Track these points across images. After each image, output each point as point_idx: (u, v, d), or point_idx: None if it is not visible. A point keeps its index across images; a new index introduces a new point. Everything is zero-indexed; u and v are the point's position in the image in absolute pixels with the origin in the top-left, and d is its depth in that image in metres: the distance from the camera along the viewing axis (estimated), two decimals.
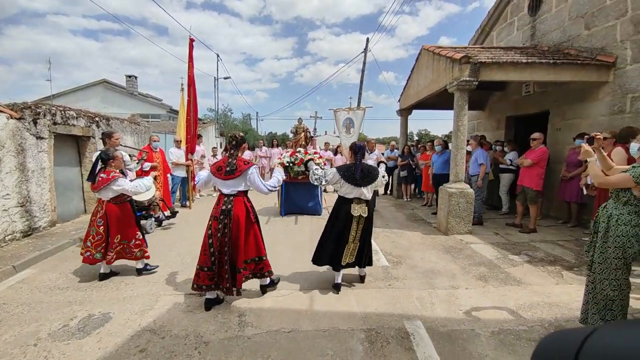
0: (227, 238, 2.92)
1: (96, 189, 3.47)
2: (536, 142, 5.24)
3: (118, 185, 3.45)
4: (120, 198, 3.57)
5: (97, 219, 3.52)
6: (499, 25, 8.58)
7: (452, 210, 5.33)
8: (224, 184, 3.01)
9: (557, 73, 5.36)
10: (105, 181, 3.42)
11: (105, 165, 3.51)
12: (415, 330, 2.62)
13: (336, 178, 3.25)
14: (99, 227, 3.51)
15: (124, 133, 7.77)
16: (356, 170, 3.17)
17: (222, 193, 3.04)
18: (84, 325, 2.71)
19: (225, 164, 3.01)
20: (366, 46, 16.58)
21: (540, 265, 3.97)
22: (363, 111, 6.95)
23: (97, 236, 3.50)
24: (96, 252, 3.49)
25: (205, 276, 2.93)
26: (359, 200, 3.23)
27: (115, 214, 3.53)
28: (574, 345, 0.45)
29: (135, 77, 25.35)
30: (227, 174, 2.96)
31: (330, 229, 3.32)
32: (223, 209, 2.95)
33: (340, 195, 3.34)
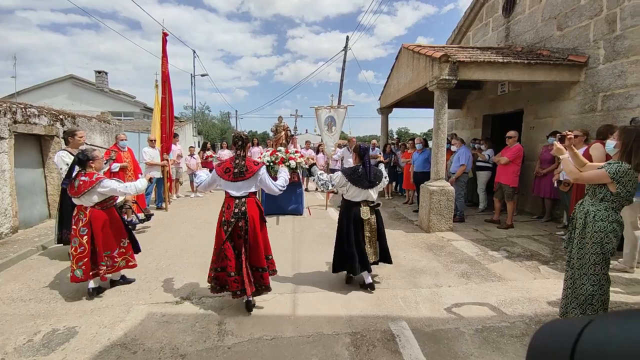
0: (242, 240, 2.84)
1: (77, 194, 3.07)
2: (511, 140, 5.38)
3: (104, 186, 3.09)
4: (106, 202, 3.24)
5: (80, 228, 3.09)
6: (475, 25, 8.77)
7: (433, 207, 5.38)
8: (234, 186, 2.88)
9: (531, 73, 5.51)
10: (88, 184, 3.04)
11: (85, 168, 3.16)
12: (400, 332, 2.58)
13: (343, 182, 3.20)
14: (81, 237, 3.08)
15: (92, 132, 7.35)
16: (368, 173, 3.15)
17: (231, 196, 2.89)
18: (48, 341, 2.49)
19: (232, 165, 2.86)
20: (346, 44, 16.58)
21: (519, 261, 4.06)
22: (345, 109, 6.90)
23: (80, 248, 3.07)
24: (77, 268, 3.05)
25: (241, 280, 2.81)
26: (366, 203, 3.23)
27: (101, 221, 3.16)
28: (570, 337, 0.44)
29: (105, 73, 24.17)
30: (236, 176, 2.84)
31: (346, 236, 3.25)
32: (236, 211, 2.83)
33: (347, 199, 3.29)
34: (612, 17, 5.01)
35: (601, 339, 0.42)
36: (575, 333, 0.44)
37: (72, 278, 3.07)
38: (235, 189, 2.89)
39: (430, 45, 6.65)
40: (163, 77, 6.41)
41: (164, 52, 6.39)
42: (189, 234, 5.36)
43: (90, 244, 3.10)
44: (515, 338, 2.50)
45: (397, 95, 7.78)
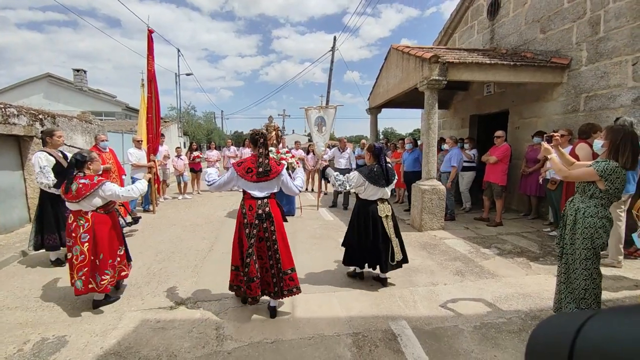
0: (269, 242, 2.76)
1: (76, 199, 2.84)
2: (499, 139, 5.51)
3: (107, 190, 2.89)
4: (108, 206, 3.05)
5: (81, 235, 2.85)
6: (461, 27, 8.96)
7: (425, 206, 5.45)
8: (257, 187, 2.77)
9: (517, 74, 5.66)
10: (90, 187, 2.84)
11: (82, 170, 2.97)
12: (401, 331, 2.59)
13: (360, 181, 3.22)
14: (82, 245, 2.84)
15: (73, 132, 7.07)
16: (385, 171, 3.20)
17: (253, 197, 2.77)
18: (38, 351, 2.37)
19: (255, 164, 2.74)
20: (334, 44, 16.61)
21: (510, 257, 4.16)
22: (334, 109, 6.90)
23: (81, 256, 2.83)
24: (77, 279, 2.81)
25: (257, 286, 2.73)
26: (382, 200, 3.28)
27: (107, 226, 2.97)
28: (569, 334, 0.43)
29: (84, 72, 23.38)
30: (260, 176, 2.73)
31: (360, 233, 3.29)
32: (259, 213, 2.73)
33: (363, 199, 3.31)
34: (595, 19, 5.19)
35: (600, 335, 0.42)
36: (574, 330, 0.43)
37: (76, 291, 2.84)
38: (259, 189, 2.78)
39: (419, 46, 6.74)
40: (149, 75, 6.23)
41: (150, 49, 6.21)
42: (179, 237, 5.23)
43: (91, 252, 2.86)
44: (513, 334, 2.55)
45: (387, 96, 7.85)
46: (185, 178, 9.00)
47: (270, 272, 2.78)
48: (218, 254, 4.42)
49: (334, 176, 3.29)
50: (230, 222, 6.17)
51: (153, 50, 6.25)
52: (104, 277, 2.88)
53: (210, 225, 5.98)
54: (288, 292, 2.82)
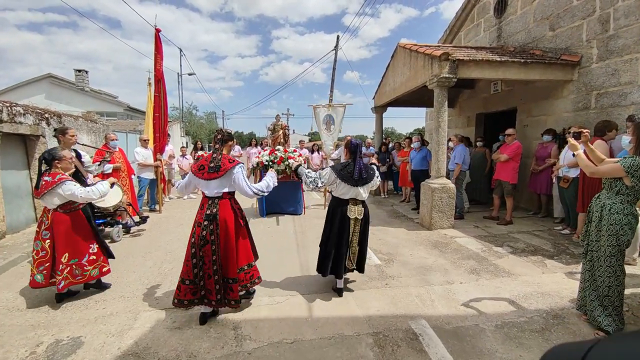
0: (214, 246, 2.62)
1: (38, 195, 2.89)
2: (510, 137, 5.46)
3: (66, 189, 2.86)
4: (70, 205, 3.00)
5: (42, 231, 2.94)
6: (467, 26, 8.91)
7: (435, 205, 5.40)
8: (207, 185, 2.68)
9: (527, 72, 5.62)
10: (49, 185, 2.84)
11: (50, 167, 2.95)
12: (422, 331, 2.55)
13: (332, 178, 3.03)
14: (44, 241, 2.92)
15: (79, 131, 7.02)
16: (354, 169, 2.97)
17: (206, 195, 2.72)
18: (52, 353, 2.32)
19: (207, 161, 2.68)
20: (337, 44, 16.57)
21: (524, 256, 4.11)
22: (343, 108, 6.85)
23: (42, 252, 2.92)
24: (37, 273, 2.89)
25: (187, 290, 2.63)
26: (355, 201, 3.05)
27: (64, 226, 2.94)
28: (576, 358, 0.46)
29: (85, 72, 23.30)
30: (210, 172, 2.64)
31: (329, 234, 3.12)
32: (207, 213, 2.63)
33: (335, 197, 3.13)
34: (605, 17, 5.16)
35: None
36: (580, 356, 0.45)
37: (32, 282, 2.93)
38: (208, 187, 2.68)
39: (427, 45, 6.69)
40: (157, 74, 6.19)
41: (158, 48, 6.17)
42: (187, 236, 5.16)
43: (52, 248, 2.92)
44: (536, 333, 2.51)
45: (393, 94, 7.80)
46: None
47: (213, 278, 2.62)
48: None
49: (305, 174, 3.13)
50: None
51: (161, 49, 6.21)
52: (56, 276, 2.92)
53: None
54: (227, 302, 2.68)
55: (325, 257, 3.12)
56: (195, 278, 2.62)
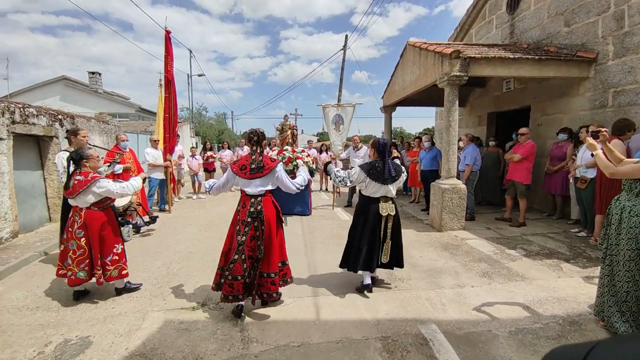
0: (259, 242, 2.70)
1: (72, 195, 2.91)
2: (524, 137, 5.32)
3: (101, 186, 2.92)
4: (103, 203, 3.06)
5: (76, 230, 2.95)
6: (478, 23, 8.74)
7: (445, 206, 5.30)
8: (250, 184, 2.77)
9: (542, 69, 5.46)
10: (83, 184, 2.88)
11: (79, 167, 3.00)
12: (432, 336, 2.48)
13: (361, 177, 3.10)
14: (79, 240, 2.94)
15: (91, 132, 7.13)
16: (385, 167, 3.06)
17: (247, 194, 2.78)
18: (61, 353, 2.34)
19: (249, 161, 2.76)
20: (345, 43, 16.49)
21: (538, 259, 3.99)
22: (353, 107, 6.78)
23: (79, 250, 2.94)
24: (79, 270, 2.93)
25: (240, 285, 2.67)
26: (386, 199, 3.13)
27: (99, 223, 2.99)
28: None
29: (99, 74, 23.78)
30: (253, 172, 2.73)
31: (361, 232, 3.14)
32: (252, 210, 2.71)
33: (365, 195, 3.18)
34: (619, 13, 5.00)
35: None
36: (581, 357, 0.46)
37: (74, 281, 2.94)
38: (252, 186, 2.77)
39: (437, 42, 6.58)
40: (168, 76, 6.24)
41: (168, 50, 6.22)
42: (196, 237, 5.21)
43: (88, 245, 2.97)
44: (552, 340, 2.41)
45: (403, 93, 7.70)
46: (199, 177, 9.02)
47: (256, 272, 2.73)
48: None
49: (334, 172, 3.22)
50: None
51: (171, 51, 6.25)
52: (96, 271, 2.98)
53: (225, 225, 5.86)
54: (267, 296, 2.79)
55: (355, 254, 3.16)
56: (245, 272, 2.67)
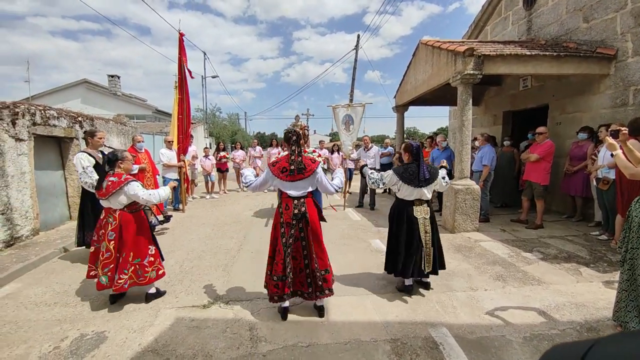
0: (304, 242, 2.71)
1: (105, 196, 2.91)
2: (542, 136, 5.15)
3: (130, 190, 2.90)
4: (135, 205, 3.06)
5: (109, 232, 2.92)
6: (494, 19, 8.54)
7: (458, 207, 5.20)
8: (294, 186, 2.71)
9: (560, 66, 5.29)
10: (116, 185, 2.89)
11: (113, 168, 3.03)
12: (443, 339, 2.43)
13: (394, 180, 3.09)
14: (109, 243, 2.91)
15: (109, 134, 7.35)
16: (420, 170, 3.02)
17: (289, 196, 2.73)
18: (76, 347, 2.41)
19: (289, 163, 2.69)
20: (357, 43, 16.42)
21: (556, 263, 3.86)
22: (363, 107, 6.74)
23: (107, 253, 2.90)
24: (102, 275, 2.89)
25: (285, 285, 2.67)
26: (420, 202, 3.09)
27: (132, 226, 2.98)
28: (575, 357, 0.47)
29: (117, 77, 24.48)
30: (293, 174, 2.68)
31: (397, 235, 3.13)
32: (296, 212, 2.68)
33: (400, 198, 3.16)
34: (637, 10, 4.86)
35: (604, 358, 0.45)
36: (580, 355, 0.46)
37: (98, 285, 2.91)
38: (294, 188, 2.72)
39: (450, 40, 6.45)
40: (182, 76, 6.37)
41: (182, 51, 6.34)
42: (208, 236, 5.29)
43: (116, 249, 2.92)
44: None
45: (415, 93, 7.60)
46: (212, 178, 9.16)
47: (304, 272, 2.72)
48: (247, 253, 4.41)
49: (369, 174, 3.25)
50: (258, 222, 6.19)
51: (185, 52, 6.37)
52: (121, 276, 2.89)
53: (238, 224, 6.02)
54: (320, 294, 2.76)
55: (395, 257, 3.16)
56: (290, 273, 2.67)
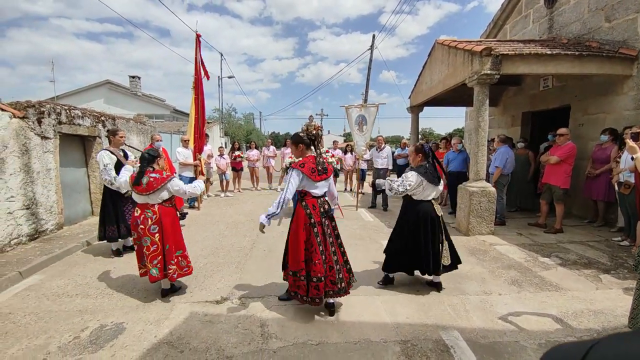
0: (332, 239, 2.81)
1: (146, 192, 2.98)
2: (563, 137, 4.99)
3: (174, 185, 3.04)
4: (171, 200, 3.16)
5: (151, 226, 2.99)
6: (513, 18, 8.32)
7: (473, 209, 5.11)
8: (318, 185, 2.75)
9: (582, 65, 5.13)
10: (160, 181, 2.99)
11: (153, 165, 3.12)
12: (454, 343, 2.41)
13: (419, 181, 3.04)
14: (153, 236, 2.99)
15: (129, 132, 7.60)
16: (435, 170, 3.08)
17: (314, 196, 2.76)
18: (96, 337, 2.52)
19: (315, 164, 2.72)
20: (372, 42, 16.33)
21: (575, 269, 3.74)
22: (376, 108, 6.71)
23: (153, 246, 2.99)
24: (152, 267, 2.99)
25: (328, 283, 2.71)
26: (435, 200, 3.18)
27: (170, 219, 3.09)
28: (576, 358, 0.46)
29: (138, 78, 25.27)
30: (320, 174, 2.74)
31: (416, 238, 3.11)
32: (322, 211, 2.75)
33: (417, 200, 3.12)
34: None
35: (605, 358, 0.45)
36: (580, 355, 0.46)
37: (151, 278, 3.01)
38: (320, 188, 2.79)
39: (467, 40, 6.34)
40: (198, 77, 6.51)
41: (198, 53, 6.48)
42: (222, 234, 5.40)
43: (161, 241, 3.02)
44: None
45: (430, 93, 7.50)
46: (227, 176, 9.32)
47: (335, 268, 2.73)
48: (260, 251, 4.48)
49: (388, 183, 3.19)
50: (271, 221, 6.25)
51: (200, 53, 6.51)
52: (170, 266, 3.04)
53: (251, 223, 6.10)
54: (348, 285, 2.85)
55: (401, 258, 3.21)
56: (331, 270, 2.74)
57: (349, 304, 2.99)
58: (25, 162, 4.69)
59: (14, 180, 4.49)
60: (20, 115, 4.65)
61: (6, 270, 3.61)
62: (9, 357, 2.30)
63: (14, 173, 4.50)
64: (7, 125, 4.41)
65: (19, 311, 2.93)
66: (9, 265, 3.76)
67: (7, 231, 4.31)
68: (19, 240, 4.49)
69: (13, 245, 4.39)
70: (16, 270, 3.63)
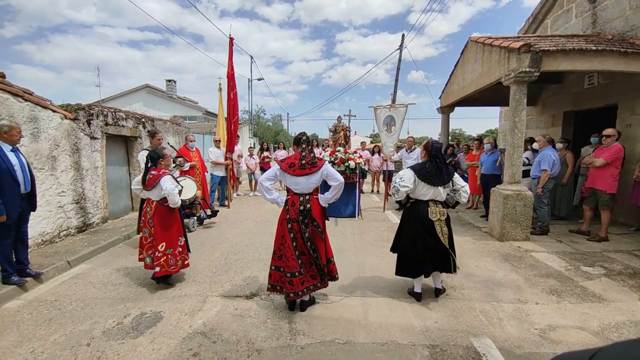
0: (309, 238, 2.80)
1: (148, 187, 3.31)
2: (610, 139, 4.65)
3: (162, 181, 3.22)
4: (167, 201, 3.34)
5: (149, 220, 3.36)
6: (554, 12, 7.86)
7: (507, 214, 4.89)
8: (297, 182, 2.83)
9: (629, 63, 4.77)
10: (155, 178, 3.26)
11: (155, 164, 3.40)
12: (486, 351, 2.33)
13: (411, 177, 2.93)
14: (151, 228, 3.33)
15: (166, 133, 8.02)
16: (437, 170, 2.91)
17: (295, 193, 2.86)
18: (137, 324, 2.70)
19: (297, 159, 2.83)
20: (402, 42, 16.08)
21: (620, 280, 3.48)
22: (405, 108, 6.60)
23: (150, 238, 3.34)
24: (147, 256, 3.35)
25: (299, 281, 2.77)
26: (435, 202, 2.98)
27: (160, 216, 3.31)
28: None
29: (174, 81, 26.49)
30: (301, 169, 2.80)
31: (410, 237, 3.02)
32: (301, 209, 2.81)
33: (415, 199, 3.03)
34: None
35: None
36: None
37: (145, 265, 3.39)
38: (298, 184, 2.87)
39: (503, 36, 6.08)
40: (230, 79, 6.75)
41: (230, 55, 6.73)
42: (251, 232, 5.55)
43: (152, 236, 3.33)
44: None
45: (462, 93, 7.27)
46: (256, 176, 9.57)
47: (313, 266, 2.84)
48: None
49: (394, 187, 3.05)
50: None
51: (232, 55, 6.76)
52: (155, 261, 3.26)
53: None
54: (331, 278, 2.97)
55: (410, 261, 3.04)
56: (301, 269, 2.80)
57: (376, 305, 2.98)
58: (76, 160, 5.10)
59: (65, 177, 4.89)
60: (71, 117, 5.07)
61: (54, 260, 3.93)
62: (51, 343, 2.44)
63: (65, 170, 4.90)
64: (58, 126, 4.81)
65: (66, 298, 3.18)
66: (57, 255, 4.10)
67: (57, 223, 4.70)
68: (68, 232, 4.89)
69: (62, 236, 4.79)
70: (65, 259, 3.95)
